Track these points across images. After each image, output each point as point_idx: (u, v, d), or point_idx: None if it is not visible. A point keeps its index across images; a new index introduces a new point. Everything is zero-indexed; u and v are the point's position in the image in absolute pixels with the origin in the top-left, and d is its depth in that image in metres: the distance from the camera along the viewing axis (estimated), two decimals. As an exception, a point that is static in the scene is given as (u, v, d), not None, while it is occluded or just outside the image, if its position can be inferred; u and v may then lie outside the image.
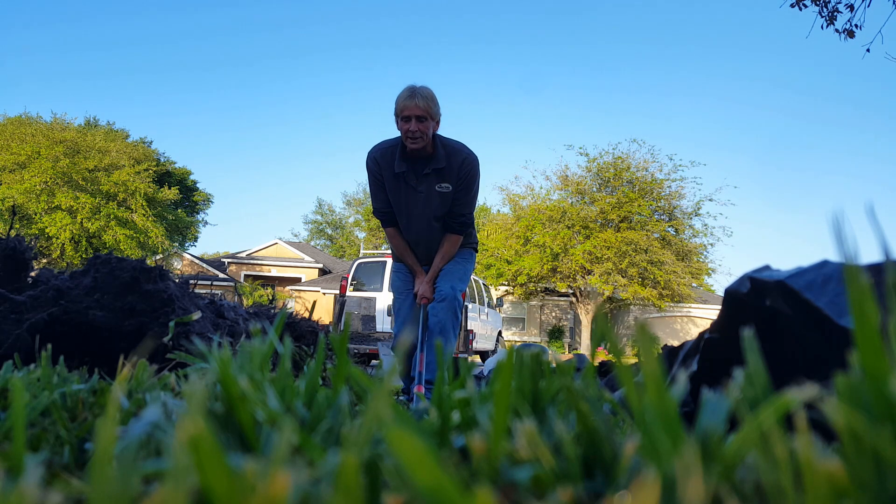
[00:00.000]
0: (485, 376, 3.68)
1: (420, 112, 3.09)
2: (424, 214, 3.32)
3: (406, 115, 3.10)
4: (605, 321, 0.54)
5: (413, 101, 3.09)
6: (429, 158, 3.24)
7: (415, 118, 3.10)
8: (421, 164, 3.25)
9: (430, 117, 3.13)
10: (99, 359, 1.96)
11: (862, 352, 0.40)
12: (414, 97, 3.10)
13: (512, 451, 0.48)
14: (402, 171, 3.23)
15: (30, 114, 25.74)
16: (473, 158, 3.29)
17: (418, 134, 3.11)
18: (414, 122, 3.10)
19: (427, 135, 3.14)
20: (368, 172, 3.36)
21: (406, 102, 3.10)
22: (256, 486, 0.35)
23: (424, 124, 3.11)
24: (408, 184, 3.26)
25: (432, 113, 3.13)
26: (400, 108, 3.12)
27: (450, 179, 3.25)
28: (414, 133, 3.10)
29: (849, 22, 7.35)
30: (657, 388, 0.42)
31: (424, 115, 3.10)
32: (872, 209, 0.45)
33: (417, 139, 3.13)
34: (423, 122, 3.11)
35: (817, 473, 0.36)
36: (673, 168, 22.94)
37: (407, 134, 3.12)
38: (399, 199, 3.30)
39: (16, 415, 0.53)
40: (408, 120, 3.10)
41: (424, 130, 3.12)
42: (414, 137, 3.12)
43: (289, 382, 0.64)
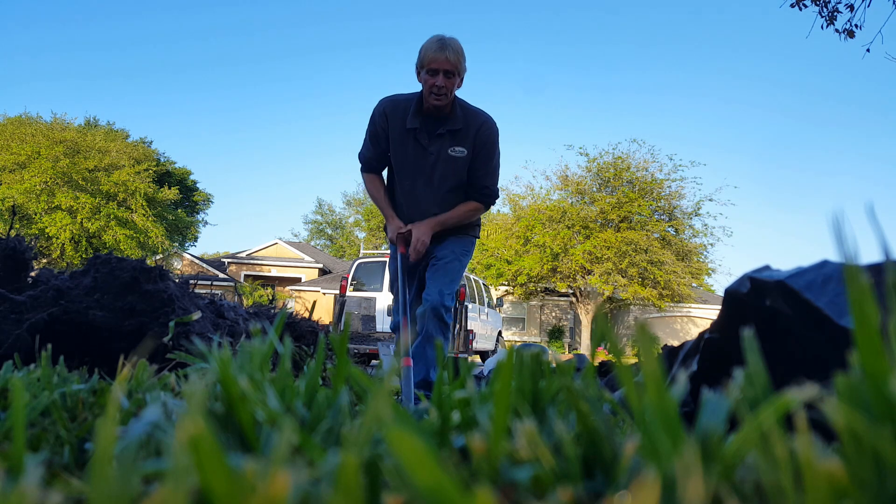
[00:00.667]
0: (485, 376, 3.68)
1: (449, 66, 2.80)
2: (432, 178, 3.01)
3: (433, 69, 2.81)
4: (605, 321, 0.54)
5: (443, 53, 2.79)
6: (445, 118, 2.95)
7: (443, 72, 2.81)
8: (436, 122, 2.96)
9: (458, 73, 2.86)
10: (99, 359, 1.96)
11: (862, 352, 0.40)
12: (444, 49, 2.80)
13: (512, 451, 0.48)
14: (415, 126, 2.94)
15: (30, 114, 25.78)
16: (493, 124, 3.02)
17: (444, 90, 2.83)
18: (441, 76, 2.81)
19: (452, 92, 2.87)
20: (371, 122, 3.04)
21: (435, 55, 2.80)
22: (256, 486, 0.35)
23: (451, 80, 2.84)
24: (418, 142, 2.96)
25: (460, 69, 2.87)
26: (427, 59, 2.82)
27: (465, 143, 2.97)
28: (440, 89, 2.82)
29: (849, 22, 7.36)
30: (657, 388, 0.42)
31: (453, 70, 2.82)
32: (872, 209, 0.45)
33: (442, 96, 2.85)
34: (450, 77, 2.83)
35: (817, 473, 0.36)
36: (673, 168, 22.96)
37: (431, 89, 2.84)
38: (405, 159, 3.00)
39: (16, 415, 0.53)
40: (434, 73, 2.82)
41: (450, 87, 2.85)
42: (439, 94, 2.84)
43: (289, 382, 0.64)
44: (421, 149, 2.96)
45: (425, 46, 2.85)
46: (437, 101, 2.86)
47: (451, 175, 2.99)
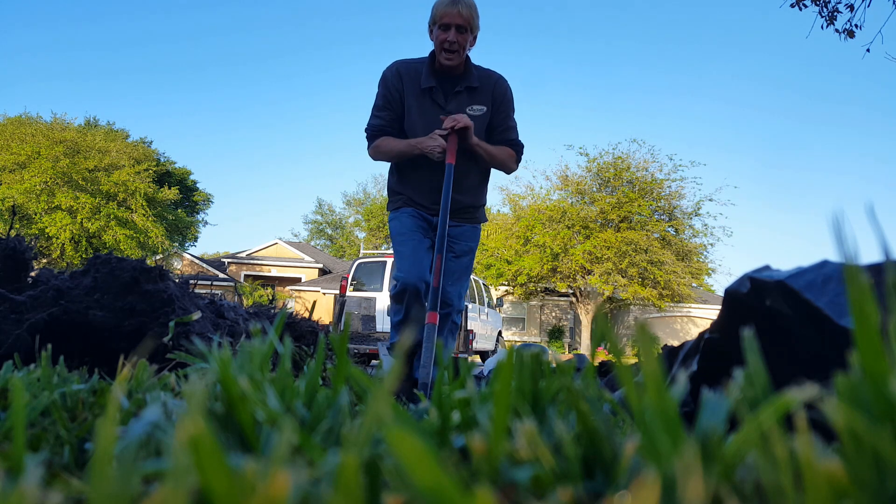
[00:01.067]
0: (485, 376, 3.67)
1: (461, 21, 2.72)
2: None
3: (445, 23, 2.73)
4: (605, 321, 0.54)
5: (455, 7, 2.72)
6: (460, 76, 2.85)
7: (455, 27, 2.73)
8: (452, 81, 2.86)
9: (471, 29, 2.77)
10: (99, 359, 1.96)
11: (862, 352, 0.40)
12: (456, 3, 2.72)
13: (512, 451, 0.48)
14: (431, 85, 2.83)
15: (30, 114, 25.81)
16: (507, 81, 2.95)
17: (456, 46, 2.74)
18: (453, 31, 2.73)
19: (465, 49, 2.78)
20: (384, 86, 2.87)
21: (447, 9, 2.73)
22: (256, 486, 0.35)
23: (464, 36, 2.75)
24: (435, 101, 2.85)
25: (473, 24, 2.77)
26: (439, 14, 2.74)
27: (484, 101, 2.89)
28: (452, 44, 2.73)
29: (849, 22, 7.36)
30: (657, 388, 0.42)
31: (466, 25, 2.74)
32: (872, 209, 0.45)
33: (454, 53, 2.76)
34: (462, 32, 2.75)
35: (817, 473, 0.36)
36: (673, 168, 22.98)
37: (443, 45, 2.75)
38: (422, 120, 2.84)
39: (16, 415, 0.53)
40: (446, 28, 2.73)
41: (463, 43, 2.76)
42: (451, 50, 2.75)
43: (289, 382, 0.64)
44: (438, 108, 2.84)
45: (437, 2, 2.76)
46: (449, 60, 2.77)
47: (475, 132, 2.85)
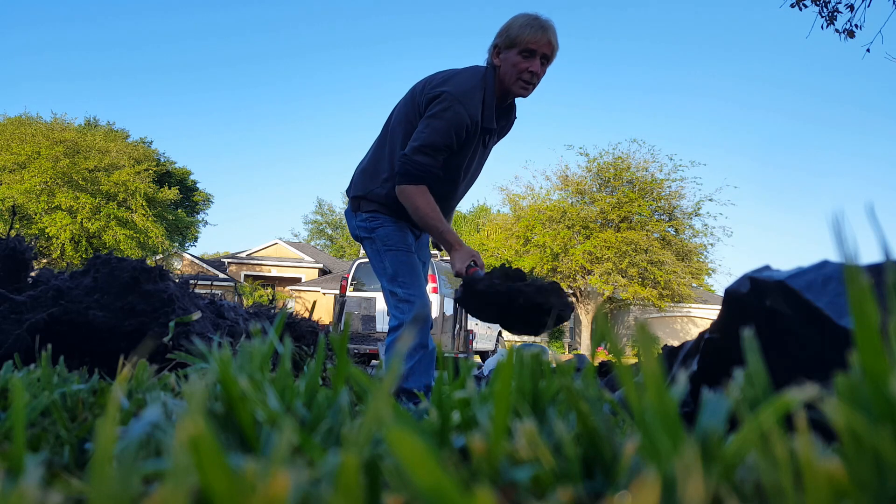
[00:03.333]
0: (485, 376, 3.67)
1: (549, 51, 2.38)
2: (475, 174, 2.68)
3: (531, 49, 2.35)
4: (605, 321, 0.54)
5: (546, 34, 2.35)
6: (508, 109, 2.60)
7: (541, 57, 2.38)
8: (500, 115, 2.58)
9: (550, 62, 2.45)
10: (99, 359, 1.96)
11: (862, 352, 0.40)
12: (547, 30, 2.36)
13: (512, 451, 0.48)
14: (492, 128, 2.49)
15: (30, 114, 25.76)
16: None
17: (536, 79, 2.42)
18: (538, 61, 2.38)
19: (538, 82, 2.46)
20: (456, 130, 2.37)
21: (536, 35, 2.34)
22: (256, 486, 0.35)
23: (544, 67, 2.42)
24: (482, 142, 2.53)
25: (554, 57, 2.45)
26: (525, 38, 2.34)
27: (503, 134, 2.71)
28: (532, 76, 2.39)
29: (849, 22, 7.36)
30: (657, 388, 0.42)
31: (551, 55, 2.41)
32: (872, 209, 0.45)
33: (531, 85, 2.43)
34: (544, 63, 2.41)
35: (817, 473, 0.36)
36: (673, 168, 22.98)
37: (521, 74, 2.38)
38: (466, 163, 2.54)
39: (16, 415, 0.53)
40: (530, 56, 2.36)
41: (541, 76, 2.44)
42: (530, 82, 2.41)
43: (289, 382, 0.64)
44: (482, 150, 2.58)
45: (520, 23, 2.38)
46: (524, 90, 2.43)
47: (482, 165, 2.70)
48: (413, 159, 2.38)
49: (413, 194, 2.40)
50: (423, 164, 2.38)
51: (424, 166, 2.38)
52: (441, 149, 2.38)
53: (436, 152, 2.38)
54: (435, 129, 2.36)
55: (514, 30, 2.37)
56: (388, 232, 2.54)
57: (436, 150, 2.38)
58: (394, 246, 2.53)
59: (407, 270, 2.50)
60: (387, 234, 2.54)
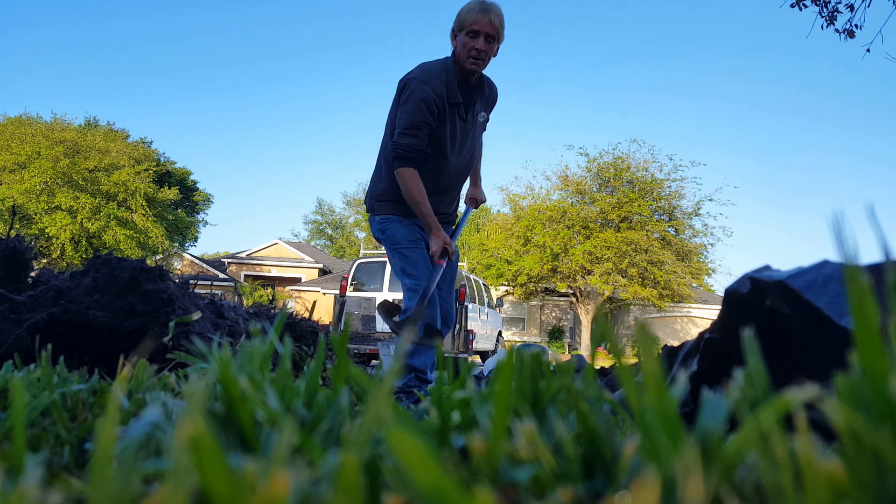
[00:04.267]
0: (485, 376, 3.68)
1: (492, 29, 2.69)
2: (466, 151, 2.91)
3: (475, 30, 2.68)
4: (605, 321, 0.54)
5: (486, 15, 2.67)
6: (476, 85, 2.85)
7: (484, 35, 2.69)
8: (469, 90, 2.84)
9: (498, 39, 2.74)
10: (99, 359, 1.96)
11: (862, 352, 0.40)
12: (488, 11, 2.68)
13: (512, 451, 0.48)
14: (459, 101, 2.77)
15: (30, 114, 25.80)
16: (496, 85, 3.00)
17: (483, 55, 2.71)
18: (482, 39, 2.69)
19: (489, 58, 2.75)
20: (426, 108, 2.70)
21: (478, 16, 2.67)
22: (256, 486, 0.35)
23: (491, 45, 2.72)
24: (459, 116, 2.80)
25: (501, 35, 2.74)
26: (469, 20, 2.68)
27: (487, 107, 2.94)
28: (479, 52, 2.69)
29: (849, 22, 7.36)
30: (657, 388, 0.42)
31: (495, 34, 2.71)
32: (872, 209, 0.45)
33: (480, 60, 2.72)
34: (491, 42, 2.71)
35: (817, 473, 0.36)
36: (673, 168, 23.00)
37: (470, 52, 2.69)
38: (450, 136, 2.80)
39: (16, 415, 0.53)
40: (475, 35, 2.68)
41: (489, 52, 2.73)
42: (478, 57, 2.70)
43: (289, 382, 0.64)
44: (462, 123, 2.82)
45: (466, 8, 2.72)
46: (475, 66, 2.72)
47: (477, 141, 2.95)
48: (400, 143, 2.72)
49: (405, 177, 2.72)
50: (408, 145, 2.70)
51: (411, 146, 2.70)
52: (419, 125, 2.70)
53: (417, 130, 2.70)
54: (409, 111, 2.70)
55: (462, 14, 2.71)
56: (395, 230, 2.86)
57: (416, 128, 2.70)
58: (399, 244, 2.84)
59: (412, 262, 2.81)
60: (394, 234, 2.86)
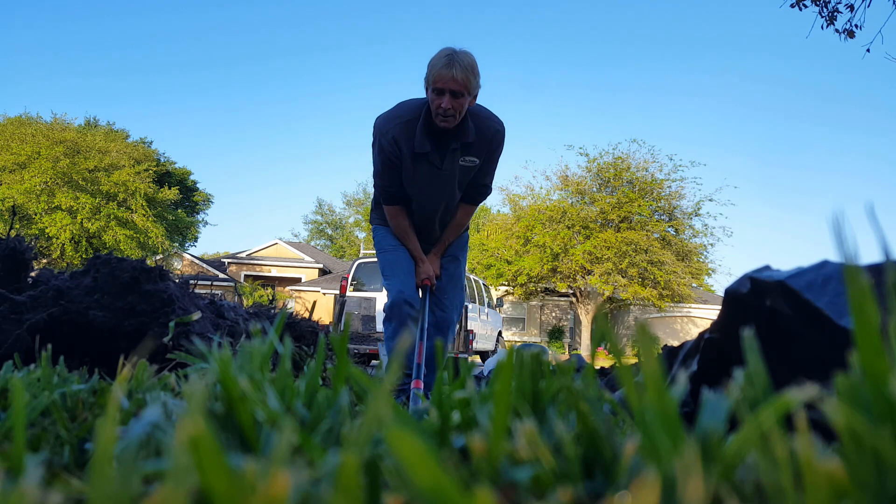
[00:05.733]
0: (485, 376, 3.67)
1: (456, 86, 2.51)
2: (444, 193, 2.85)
3: (439, 88, 2.53)
4: (605, 321, 0.54)
5: (450, 70, 2.50)
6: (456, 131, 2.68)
7: (449, 93, 2.53)
8: (447, 139, 2.69)
9: (468, 92, 2.56)
10: (99, 359, 1.96)
11: (862, 352, 0.40)
12: (451, 66, 2.51)
13: (512, 451, 0.48)
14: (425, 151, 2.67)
15: (30, 114, 25.79)
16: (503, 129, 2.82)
17: (451, 112, 2.56)
18: (448, 97, 2.53)
19: (461, 113, 2.60)
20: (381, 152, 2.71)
21: (441, 72, 2.51)
22: (256, 486, 0.35)
23: (459, 101, 2.56)
24: (431, 163, 2.72)
25: (470, 87, 2.55)
26: (433, 77, 2.54)
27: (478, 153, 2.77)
28: (446, 111, 2.55)
29: (849, 22, 7.36)
30: (657, 388, 0.41)
31: (461, 90, 2.53)
32: (872, 209, 0.45)
33: (449, 118, 2.58)
34: (458, 97, 2.55)
35: (817, 473, 0.36)
36: (673, 168, 22.98)
37: (437, 110, 2.57)
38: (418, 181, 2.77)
39: (16, 415, 0.53)
40: (440, 93, 2.54)
41: (458, 108, 2.57)
42: (445, 115, 2.57)
43: (289, 382, 0.64)
44: (434, 169, 2.74)
45: (433, 62, 2.57)
46: (444, 123, 2.60)
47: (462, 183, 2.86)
48: (376, 184, 2.90)
49: (390, 213, 2.91)
50: (382, 187, 2.86)
51: (382, 188, 2.86)
52: (382, 174, 2.80)
53: (381, 178, 2.82)
54: (374, 160, 2.83)
55: (429, 67, 2.59)
56: (380, 236, 3.02)
57: (380, 175, 2.82)
58: (381, 247, 3.00)
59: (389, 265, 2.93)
60: (379, 239, 3.02)
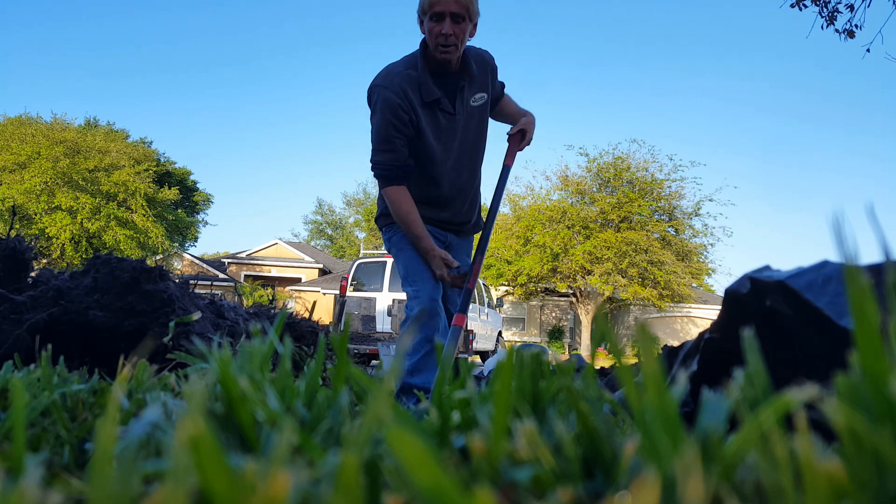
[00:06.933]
0: (485, 376, 3.68)
1: (457, 8, 2.25)
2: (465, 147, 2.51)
3: (438, 12, 2.25)
4: (605, 321, 0.54)
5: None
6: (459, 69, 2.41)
7: (449, 16, 2.25)
8: (451, 78, 2.40)
9: (469, 17, 2.29)
10: (99, 359, 1.96)
11: (862, 352, 0.40)
12: None
13: (512, 451, 0.48)
14: (436, 97, 2.36)
15: (30, 114, 25.80)
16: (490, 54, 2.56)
17: (453, 39, 2.28)
18: (448, 22, 2.26)
19: (463, 42, 2.32)
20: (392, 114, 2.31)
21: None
22: (256, 486, 0.35)
23: (461, 26, 2.28)
24: (443, 111, 2.40)
25: (472, 10, 2.29)
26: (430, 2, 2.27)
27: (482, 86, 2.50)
28: (447, 38, 2.27)
29: (849, 22, 7.36)
30: (657, 388, 0.41)
31: (462, 12, 2.26)
32: (872, 209, 0.45)
33: (451, 46, 2.29)
34: (459, 22, 2.27)
35: (817, 473, 0.36)
36: (673, 168, 22.99)
37: (437, 39, 2.28)
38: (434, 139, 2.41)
39: (16, 415, 0.53)
40: (439, 18, 2.26)
41: (461, 35, 2.29)
42: (447, 44, 2.28)
43: (289, 382, 0.64)
44: (447, 117, 2.42)
45: None
46: (446, 54, 2.31)
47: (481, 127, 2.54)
48: (375, 161, 2.39)
49: (392, 197, 2.39)
50: (384, 163, 2.36)
51: (386, 164, 2.36)
52: (391, 139, 2.33)
53: (389, 144, 2.34)
54: (377, 125, 2.35)
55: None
56: (400, 236, 2.55)
57: (387, 142, 2.33)
58: (404, 247, 2.53)
59: (415, 268, 2.49)
60: (399, 238, 2.56)
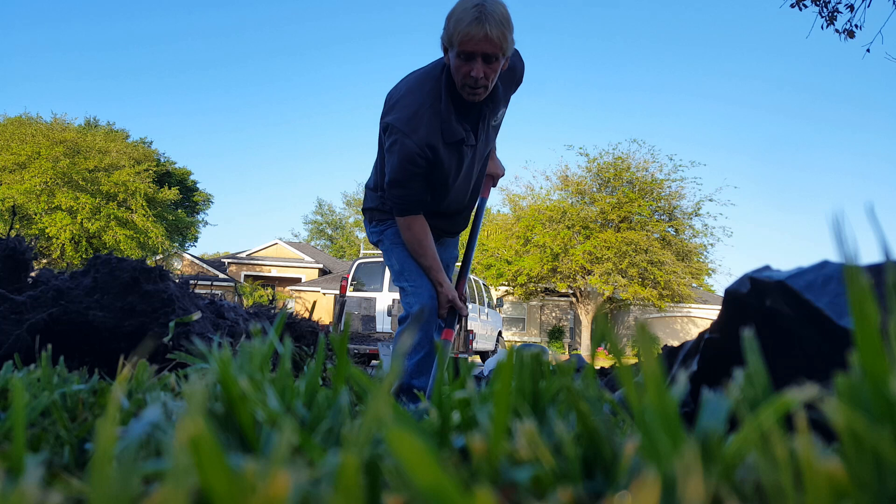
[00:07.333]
0: (485, 376, 3.67)
1: (491, 48, 1.90)
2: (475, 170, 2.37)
3: (468, 52, 1.91)
4: (605, 321, 0.54)
5: (482, 28, 1.87)
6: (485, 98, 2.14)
7: (481, 57, 1.92)
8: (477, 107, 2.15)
9: (503, 54, 1.95)
10: (99, 359, 1.96)
11: (862, 352, 0.40)
12: (483, 21, 1.87)
13: (512, 451, 0.48)
14: (459, 137, 2.13)
15: (30, 114, 25.80)
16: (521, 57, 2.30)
17: (483, 81, 1.96)
18: (480, 63, 1.92)
19: (493, 81, 2.01)
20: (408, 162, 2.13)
21: (470, 30, 1.88)
22: (256, 486, 0.35)
23: (493, 66, 1.95)
24: (465, 144, 2.21)
25: (506, 48, 1.94)
26: (459, 36, 1.91)
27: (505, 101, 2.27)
28: (476, 81, 1.95)
29: (849, 22, 7.36)
30: (657, 388, 0.41)
31: (496, 51, 1.92)
32: (872, 209, 0.45)
33: (480, 89, 1.99)
34: (492, 62, 1.94)
35: (817, 473, 0.36)
36: (673, 168, 22.99)
37: (465, 80, 1.97)
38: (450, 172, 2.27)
39: (16, 415, 0.53)
40: (469, 59, 1.92)
41: (492, 75, 1.97)
42: (475, 87, 1.98)
43: (289, 382, 0.64)
44: (469, 150, 2.27)
45: (456, 15, 1.93)
46: (473, 96, 2.02)
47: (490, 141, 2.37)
48: (391, 193, 2.33)
49: (405, 226, 2.34)
50: (399, 197, 2.30)
51: (401, 198, 2.30)
52: (406, 180, 2.23)
53: (405, 183, 2.25)
54: (393, 167, 2.25)
55: (451, 25, 1.96)
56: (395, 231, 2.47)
57: (402, 182, 2.24)
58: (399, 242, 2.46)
59: (412, 264, 2.42)
60: (394, 232, 2.48)
